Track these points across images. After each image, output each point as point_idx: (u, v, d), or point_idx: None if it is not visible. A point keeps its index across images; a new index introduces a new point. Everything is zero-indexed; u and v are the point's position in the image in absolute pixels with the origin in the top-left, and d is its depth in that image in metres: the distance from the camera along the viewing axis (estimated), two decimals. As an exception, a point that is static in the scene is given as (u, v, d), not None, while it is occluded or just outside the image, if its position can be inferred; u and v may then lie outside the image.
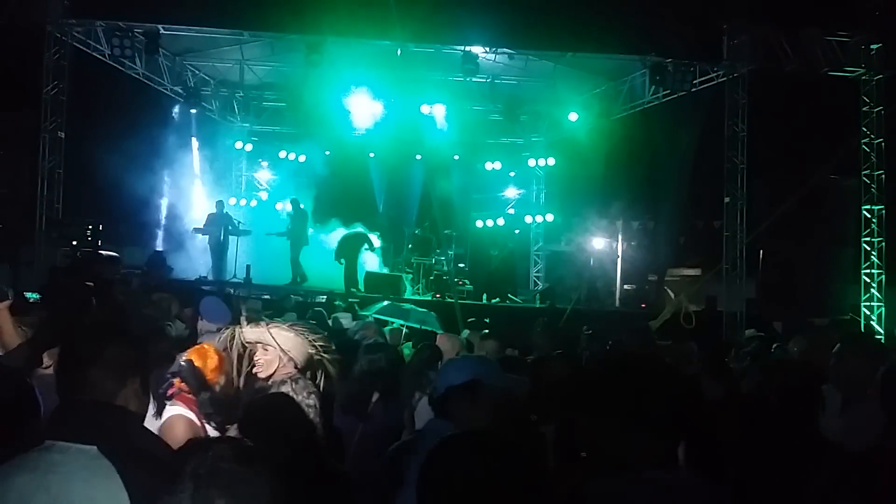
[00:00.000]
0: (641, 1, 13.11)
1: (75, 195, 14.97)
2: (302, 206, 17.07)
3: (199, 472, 1.63)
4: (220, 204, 15.73)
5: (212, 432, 3.48)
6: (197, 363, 3.61)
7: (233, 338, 4.13)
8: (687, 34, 14.05)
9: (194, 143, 17.86)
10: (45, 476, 2.09)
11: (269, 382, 4.08)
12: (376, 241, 17.15)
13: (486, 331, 7.84)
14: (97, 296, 7.24)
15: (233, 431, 3.25)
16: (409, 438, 3.19)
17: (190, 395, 3.54)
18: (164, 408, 3.49)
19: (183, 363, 3.60)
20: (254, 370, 4.11)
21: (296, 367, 4.15)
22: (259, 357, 4.13)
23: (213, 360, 3.69)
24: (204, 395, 3.55)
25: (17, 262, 14.66)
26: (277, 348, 4.11)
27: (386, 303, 11.21)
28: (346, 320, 9.14)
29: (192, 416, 3.51)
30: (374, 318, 9.51)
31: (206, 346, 3.86)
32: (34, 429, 2.49)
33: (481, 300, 16.27)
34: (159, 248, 14.69)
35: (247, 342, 4.13)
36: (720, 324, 13.81)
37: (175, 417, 3.47)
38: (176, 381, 3.54)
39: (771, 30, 14.04)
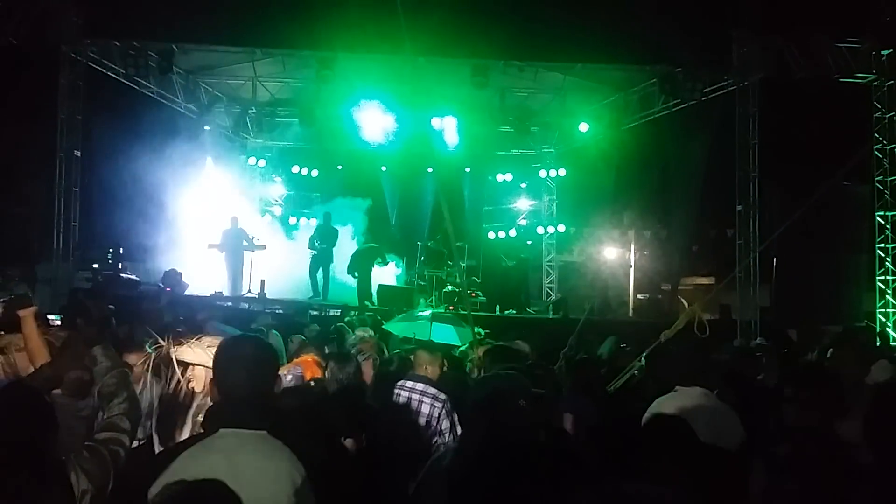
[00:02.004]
0: (650, 11, 13.14)
1: (91, 213, 15.13)
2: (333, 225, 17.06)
3: None
4: (234, 220, 15.82)
5: None
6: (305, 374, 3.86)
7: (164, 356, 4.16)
8: (696, 43, 14.08)
9: (208, 159, 18.00)
10: (232, 456, 2.53)
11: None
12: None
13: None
14: (117, 317, 7.31)
15: None
16: (445, 450, 3.25)
17: None
18: None
19: (297, 373, 3.83)
20: (190, 385, 4.23)
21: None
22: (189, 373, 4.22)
23: (316, 373, 3.95)
24: None
25: (34, 280, 14.79)
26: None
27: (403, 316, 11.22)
28: (364, 333, 9.17)
29: None
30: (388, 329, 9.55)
31: (310, 358, 4.09)
32: (50, 445, 2.57)
33: (494, 311, 16.29)
34: (174, 265, 14.77)
35: (179, 361, 4.20)
36: (734, 332, 13.76)
37: None
38: None
39: (780, 38, 14.05)
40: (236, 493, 2.14)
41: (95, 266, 14.17)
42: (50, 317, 7.05)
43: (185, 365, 4.26)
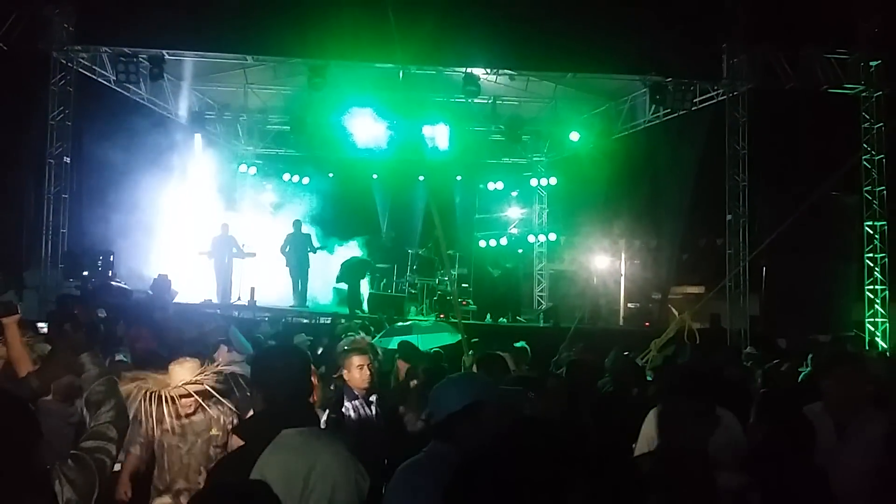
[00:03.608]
0: (641, 21, 13.19)
1: (80, 220, 15.05)
2: (304, 228, 16.99)
3: None
4: (224, 227, 15.78)
5: None
6: None
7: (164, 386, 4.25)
8: (687, 53, 14.14)
9: (198, 166, 17.95)
10: (302, 450, 2.93)
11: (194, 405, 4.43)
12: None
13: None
14: (107, 325, 7.27)
15: None
16: (416, 459, 3.18)
17: None
18: None
19: None
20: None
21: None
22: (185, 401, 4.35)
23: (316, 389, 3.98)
24: None
25: (22, 287, 14.69)
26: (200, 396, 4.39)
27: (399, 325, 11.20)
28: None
29: None
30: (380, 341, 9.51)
31: None
32: (36, 456, 2.54)
33: (484, 320, 16.28)
34: (164, 272, 14.70)
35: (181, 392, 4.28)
36: (724, 341, 13.79)
37: None
38: None
39: (770, 48, 14.15)
40: (277, 496, 2.31)
41: (85, 273, 14.07)
42: (39, 324, 7.01)
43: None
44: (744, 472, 3.19)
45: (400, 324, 11.11)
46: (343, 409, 5.13)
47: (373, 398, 5.32)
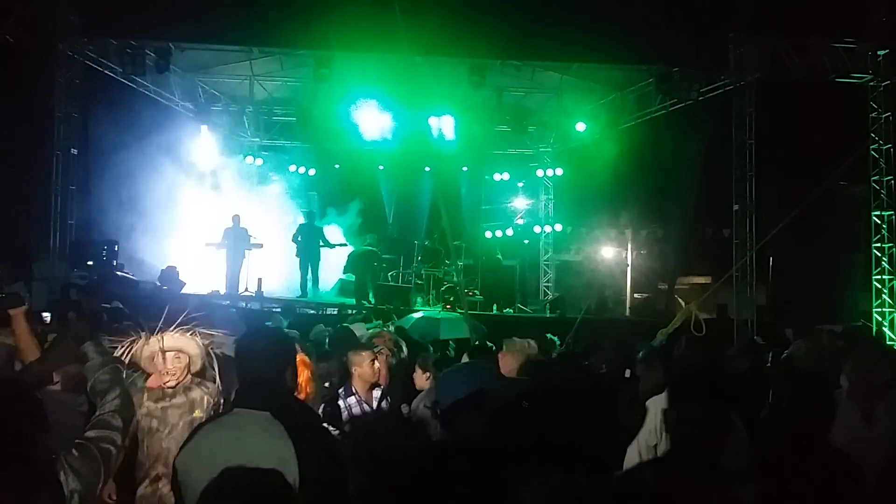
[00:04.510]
0: (647, 11, 13.14)
1: (88, 211, 15.11)
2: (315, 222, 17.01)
3: None
4: (236, 218, 15.74)
5: None
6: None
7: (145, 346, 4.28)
8: (693, 43, 14.08)
9: (205, 158, 17.98)
10: (238, 432, 2.94)
11: (176, 387, 4.35)
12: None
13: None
14: (110, 314, 7.30)
15: None
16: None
17: None
18: None
19: None
20: (166, 380, 4.32)
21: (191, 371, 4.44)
22: (172, 365, 4.32)
23: (304, 374, 3.90)
24: None
25: (30, 279, 14.77)
26: (189, 354, 4.37)
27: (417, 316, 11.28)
28: (359, 330, 9.15)
29: None
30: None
31: (300, 358, 4.04)
32: (41, 442, 2.56)
33: (491, 310, 16.29)
34: (172, 264, 14.75)
35: (166, 349, 4.28)
36: (731, 331, 13.78)
37: None
38: None
39: (777, 38, 14.07)
40: (293, 487, 2.37)
41: (90, 263, 14.12)
42: (43, 314, 7.05)
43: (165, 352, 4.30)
44: (755, 481, 2.99)
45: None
46: (340, 404, 5.13)
47: (376, 392, 5.30)
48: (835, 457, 3.23)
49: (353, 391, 5.18)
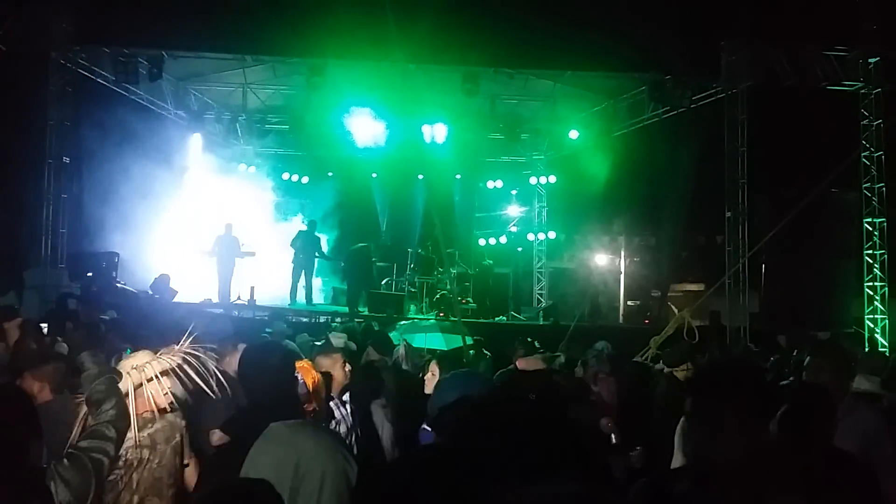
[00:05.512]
0: (639, 19, 13.20)
1: (80, 219, 15.05)
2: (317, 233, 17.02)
3: None
4: (228, 226, 15.72)
5: None
6: (306, 379, 3.71)
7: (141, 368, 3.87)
8: (685, 51, 14.15)
9: (198, 166, 17.95)
10: (291, 441, 3.04)
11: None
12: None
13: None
14: (109, 326, 7.27)
15: None
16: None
17: None
18: None
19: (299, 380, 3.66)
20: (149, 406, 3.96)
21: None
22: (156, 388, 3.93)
23: (315, 377, 3.84)
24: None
25: (21, 287, 14.70)
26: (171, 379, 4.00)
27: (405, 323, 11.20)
28: (338, 340, 9.02)
29: None
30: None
31: (305, 364, 3.86)
32: (36, 450, 2.55)
33: (487, 318, 16.26)
34: (164, 272, 14.71)
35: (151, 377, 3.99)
36: (724, 338, 13.80)
37: None
38: None
39: (769, 46, 14.14)
40: (278, 493, 2.37)
41: (89, 275, 14.10)
42: (41, 325, 7.00)
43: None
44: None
45: (423, 321, 11.12)
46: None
47: (346, 397, 5.29)
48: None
49: (332, 396, 5.19)
